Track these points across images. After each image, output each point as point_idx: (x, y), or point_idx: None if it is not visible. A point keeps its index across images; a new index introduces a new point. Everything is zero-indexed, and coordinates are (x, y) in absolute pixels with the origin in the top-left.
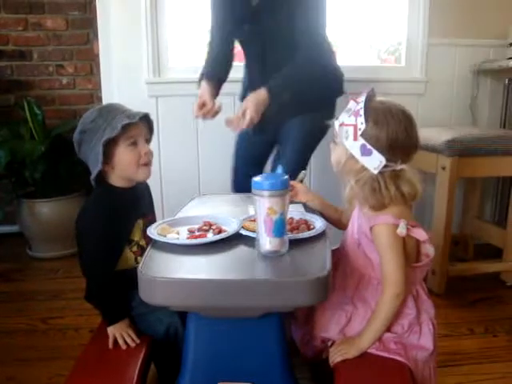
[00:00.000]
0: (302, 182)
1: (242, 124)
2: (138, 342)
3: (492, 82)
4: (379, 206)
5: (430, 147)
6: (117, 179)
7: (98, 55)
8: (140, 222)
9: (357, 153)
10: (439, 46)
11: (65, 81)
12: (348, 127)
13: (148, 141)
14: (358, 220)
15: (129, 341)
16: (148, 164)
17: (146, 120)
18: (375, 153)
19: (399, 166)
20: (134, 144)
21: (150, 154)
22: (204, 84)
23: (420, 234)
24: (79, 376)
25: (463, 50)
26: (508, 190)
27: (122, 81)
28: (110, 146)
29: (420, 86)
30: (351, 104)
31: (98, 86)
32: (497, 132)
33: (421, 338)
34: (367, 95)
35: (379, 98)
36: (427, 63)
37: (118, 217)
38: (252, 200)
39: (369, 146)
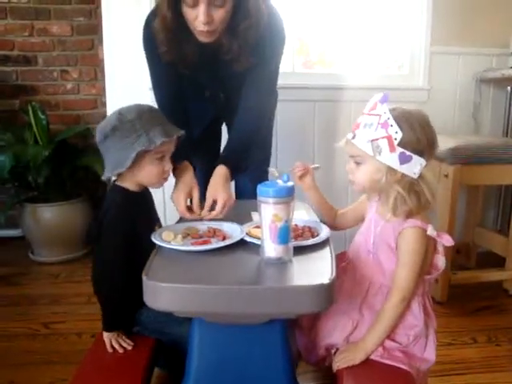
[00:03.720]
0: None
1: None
2: (132, 344)
3: (494, 90)
4: (416, 209)
5: None
6: (130, 183)
7: (102, 61)
8: (157, 227)
9: (395, 163)
10: (442, 54)
11: (69, 86)
12: (380, 141)
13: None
14: (377, 228)
15: (125, 345)
16: (166, 179)
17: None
18: (415, 157)
19: (425, 164)
20: (161, 159)
21: (170, 171)
22: (185, 166)
23: (447, 239)
24: (82, 381)
25: (466, 58)
26: (510, 198)
27: (126, 86)
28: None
29: (423, 93)
30: (367, 118)
31: (102, 92)
32: (499, 140)
33: (425, 351)
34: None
35: (390, 106)
36: (430, 71)
37: (142, 220)
38: (256, 206)
39: (408, 153)
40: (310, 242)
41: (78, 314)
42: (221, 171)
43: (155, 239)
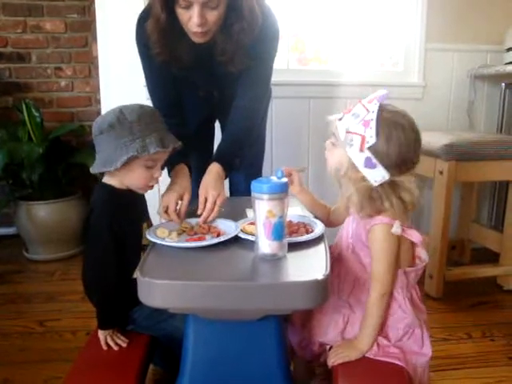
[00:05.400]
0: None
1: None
2: (127, 341)
3: (489, 86)
4: (376, 213)
5: (428, 152)
6: (117, 181)
7: (96, 58)
8: (145, 226)
9: (360, 164)
10: (437, 50)
11: (63, 83)
12: (354, 136)
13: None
14: (353, 224)
15: (120, 342)
16: (152, 187)
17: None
18: (380, 168)
19: (398, 178)
20: (152, 166)
21: (158, 178)
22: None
23: (414, 235)
24: (76, 378)
25: (461, 54)
26: (505, 195)
27: (120, 83)
28: None
29: (418, 90)
30: (359, 108)
31: (96, 89)
32: (494, 137)
33: (419, 344)
34: (380, 105)
35: (389, 106)
36: (425, 68)
37: (126, 218)
38: (250, 203)
39: (374, 160)
40: (305, 238)
41: (73, 312)
42: (213, 169)
43: (150, 236)
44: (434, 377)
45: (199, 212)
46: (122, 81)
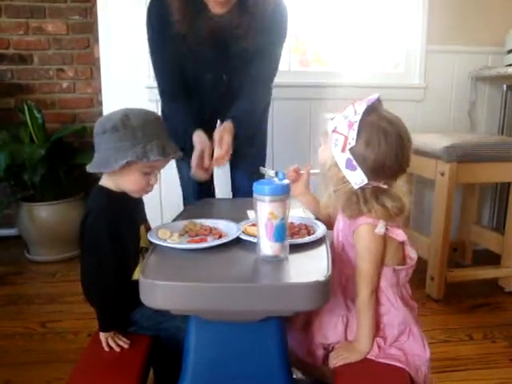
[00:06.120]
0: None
1: (221, 153)
2: (128, 342)
3: (490, 88)
4: (356, 215)
5: (429, 153)
6: (112, 183)
7: (98, 59)
8: (142, 228)
9: (342, 164)
10: (438, 52)
11: (65, 85)
12: (339, 136)
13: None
14: (342, 224)
15: (121, 343)
16: (147, 192)
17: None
18: (359, 170)
19: (382, 185)
20: (149, 172)
21: (154, 184)
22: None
23: (399, 234)
24: (79, 379)
25: (462, 56)
26: (506, 196)
27: (122, 85)
28: None
29: (419, 92)
30: (349, 110)
31: (97, 90)
32: (495, 138)
33: (420, 344)
34: (367, 108)
35: (380, 111)
36: (426, 69)
37: (124, 221)
38: (252, 204)
39: (354, 163)
40: (306, 239)
41: (75, 313)
42: (227, 125)
43: (151, 238)
44: (434, 379)
45: (215, 145)
46: (123, 82)
